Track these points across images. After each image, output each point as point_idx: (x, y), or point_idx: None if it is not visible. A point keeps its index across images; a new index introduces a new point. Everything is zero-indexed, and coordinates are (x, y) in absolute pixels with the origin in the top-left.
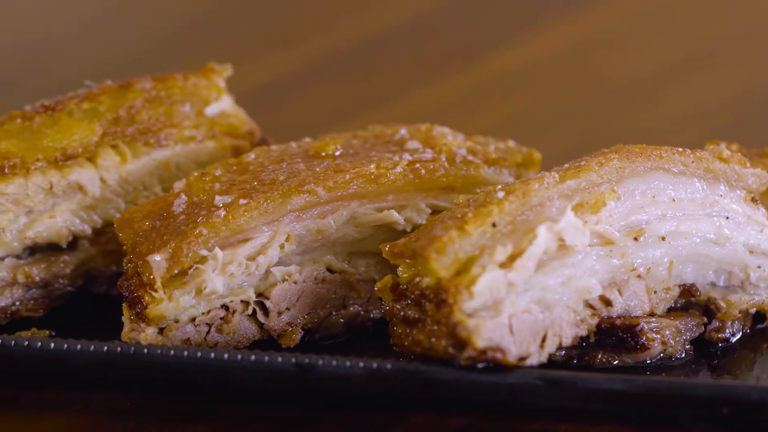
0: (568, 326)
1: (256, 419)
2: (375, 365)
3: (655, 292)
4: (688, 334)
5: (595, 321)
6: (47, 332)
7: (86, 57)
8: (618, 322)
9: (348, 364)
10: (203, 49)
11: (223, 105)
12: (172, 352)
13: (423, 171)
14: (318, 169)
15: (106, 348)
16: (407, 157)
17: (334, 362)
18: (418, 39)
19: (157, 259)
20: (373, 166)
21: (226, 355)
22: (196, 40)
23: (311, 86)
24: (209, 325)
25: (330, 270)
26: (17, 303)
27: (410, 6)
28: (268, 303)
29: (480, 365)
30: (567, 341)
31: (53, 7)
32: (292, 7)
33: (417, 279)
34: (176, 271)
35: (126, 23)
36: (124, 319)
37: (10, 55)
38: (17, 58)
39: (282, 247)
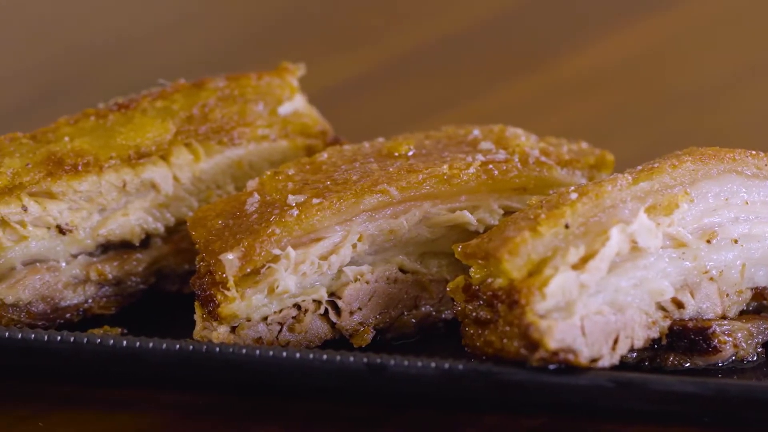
0: (640, 328)
1: (327, 418)
2: (447, 366)
3: (727, 294)
4: (760, 337)
5: (667, 323)
6: (119, 330)
7: (160, 55)
8: (690, 324)
9: (420, 364)
10: (277, 48)
11: (296, 104)
12: (243, 351)
13: (496, 172)
14: (391, 169)
15: (178, 346)
16: (480, 157)
17: (405, 362)
18: (491, 40)
19: (230, 257)
20: (446, 166)
21: (297, 355)
22: (270, 39)
23: (384, 86)
24: (281, 324)
25: (402, 270)
26: (90, 300)
27: (484, 7)
28: (340, 302)
29: (552, 366)
30: (639, 343)
31: (128, 6)
32: (366, 7)
33: (489, 280)
34: (249, 270)
35: (200, 22)
36: (196, 317)
37: (85, 52)
38: (91, 55)
39: (354, 246)
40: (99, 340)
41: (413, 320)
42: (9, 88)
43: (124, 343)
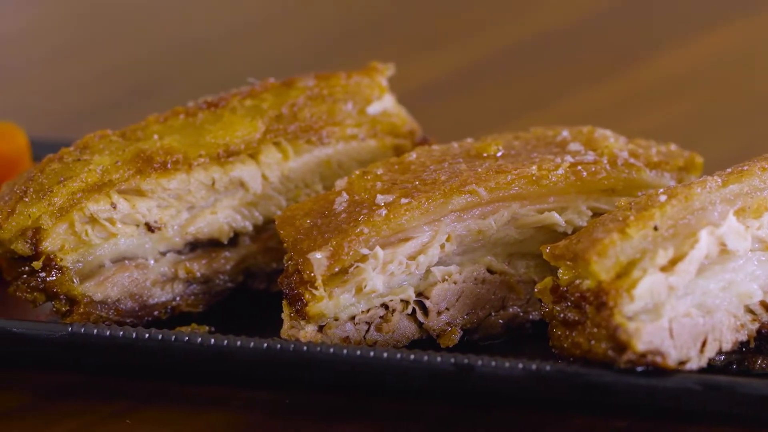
0: (728, 331)
1: (414, 418)
2: (534, 367)
3: None
4: None
5: (755, 326)
6: (207, 328)
7: (250, 54)
8: None
9: (507, 365)
10: (366, 47)
11: (385, 104)
12: (331, 350)
13: (584, 173)
14: (480, 170)
15: (265, 345)
16: (569, 159)
17: (493, 363)
18: (582, 40)
19: (318, 257)
20: (534, 167)
21: (385, 354)
22: (360, 38)
23: (473, 86)
24: (369, 324)
25: (490, 271)
26: (178, 298)
27: (576, 8)
28: (427, 302)
29: (639, 369)
30: (727, 346)
31: (218, 4)
32: (455, 7)
33: (577, 281)
34: (337, 270)
35: (290, 21)
36: (284, 316)
37: (174, 50)
38: (181, 54)
39: (442, 246)
40: (187, 338)
41: (501, 321)
42: (99, 86)
43: (212, 341)
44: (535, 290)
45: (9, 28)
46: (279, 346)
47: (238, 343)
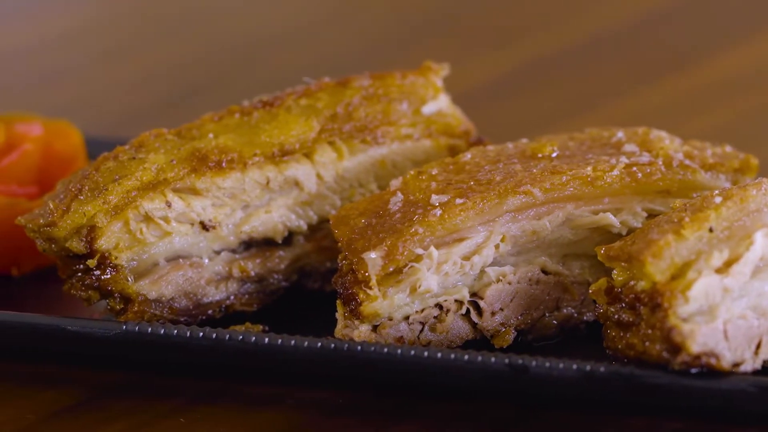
0: None
1: (467, 419)
2: (588, 368)
3: None
4: None
5: None
6: (260, 327)
7: (305, 53)
8: None
9: (561, 366)
10: (421, 47)
11: (440, 104)
12: (385, 350)
13: (640, 174)
14: (535, 171)
15: (319, 344)
16: (624, 160)
17: (547, 364)
18: (636, 41)
19: (373, 256)
20: (589, 168)
21: (439, 354)
22: (415, 38)
23: (528, 86)
24: (423, 324)
25: (544, 271)
26: (232, 297)
27: (630, 8)
28: (482, 303)
29: (694, 370)
30: None
31: (275, 3)
32: (510, 7)
33: (632, 282)
34: (391, 269)
35: (345, 20)
36: (338, 315)
37: (230, 49)
38: (236, 52)
39: (497, 247)
40: (241, 337)
41: (555, 322)
42: (155, 84)
43: (266, 340)
44: (590, 291)
45: (65, 27)
46: (333, 345)
47: (292, 342)
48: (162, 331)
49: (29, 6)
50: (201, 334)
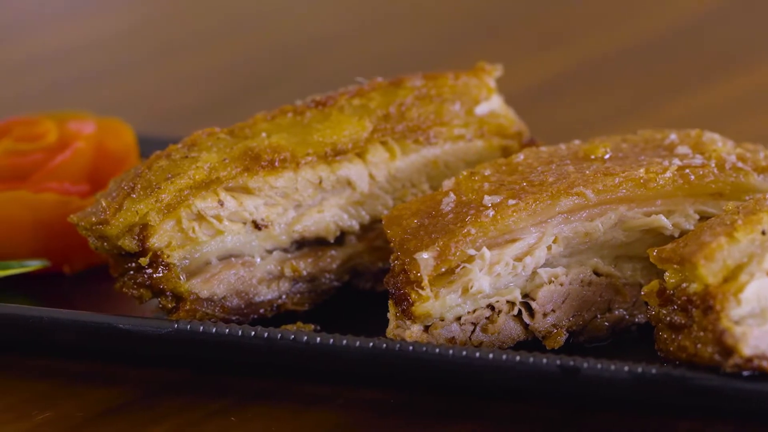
0: None
1: (518, 420)
2: (640, 370)
3: None
4: None
5: None
6: (312, 327)
7: (357, 53)
8: None
9: (612, 367)
10: (474, 48)
11: (492, 105)
12: (437, 351)
13: (692, 177)
14: (587, 172)
15: (371, 344)
16: (677, 162)
17: (598, 365)
18: (689, 43)
19: (425, 257)
20: (642, 170)
21: (490, 355)
22: (467, 39)
23: (581, 88)
24: (474, 325)
25: (596, 273)
26: (283, 296)
27: (683, 10)
28: (533, 304)
29: (745, 373)
30: None
31: (328, 4)
32: (564, 8)
33: (684, 285)
34: (443, 270)
35: (398, 21)
36: (390, 316)
37: (282, 49)
38: (289, 52)
39: (549, 248)
40: (293, 337)
41: (606, 323)
42: (207, 83)
43: (318, 339)
44: (642, 293)
45: (119, 25)
46: (384, 345)
47: (344, 342)
48: (213, 330)
49: (83, 5)
50: (252, 333)
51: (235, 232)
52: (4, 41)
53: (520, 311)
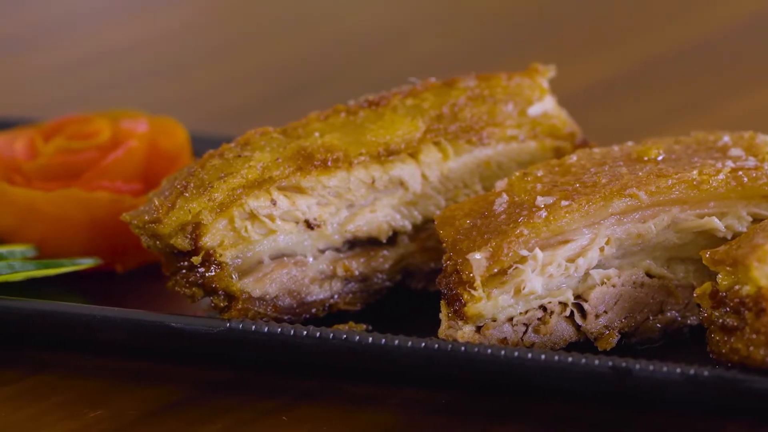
0: None
1: (569, 421)
2: (692, 372)
3: None
4: None
5: None
6: (364, 326)
7: (411, 53)
8: None
9: (665, 369)
10: (527, 49)
11: (545, 105)
12: (489, 351)
13: (745, 179)
14: (640, 174)
15: (423, 345)
16: (730, 164)
17: (650, 367)
18: (743, 44)
19: (478, 257)
20: (695, 172)
21: (542, 356)
22: (520, 40)
23: (634, 89)
24: (526, 326)
25: (649, 274)
26: (336, 296)
27: (735, 12)
28: (585, 305)
29: None
30: None
31: (381, 4)
32: (617, 9)
33: (737, 287)
34: (496, 270)
35: (451, 21)
36: (442, 316)
37: (335, 49)
38: (342, 52)
39: (602, 249)
40: (344, 336)
41: (658, 325)
42: (260, 83)
43: (370, 339)
44: (694, 295)
45: (171, 24)
46: (437, 346)
47: (396, 342)
48: (266, 329)
49: (136, 4)
50: (305, 332)
51: (287, 232)
52: (59, 40)
53: (572, 312)
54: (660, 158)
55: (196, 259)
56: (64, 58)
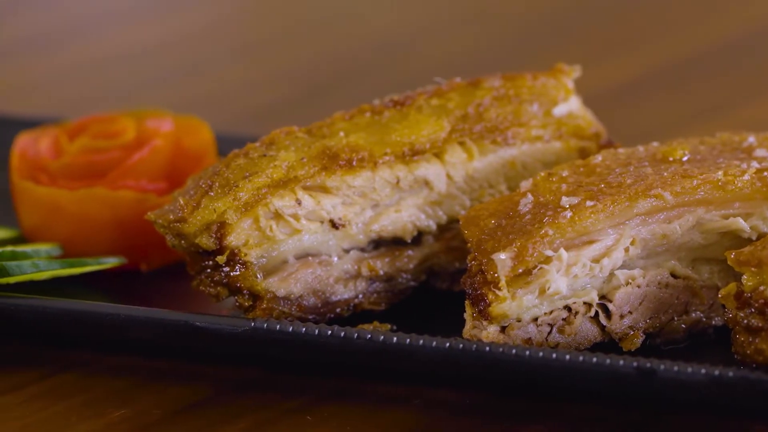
0: None
1: (594, 421)
2: (717, 372)
3: None
4: None
5: None
6: (389, 326)
7: (435, 53)
8: None
9: (689, 370)
10: (551, 49)
11: (571, 106)
12: (513, 351)
13: None
14: (665, 174)
15: (448, 345)
16: (755, 165)
17: (675, 368)
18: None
19: (503, 257)
20: (720, 172)
21: (567, 356)
22: (545, 40)
23: (659, 89)
24: (551, 326)
25: (673, 275)
26: (360, 296)
27: (762, 12)
28: (610, 306)
29: None
30: None
31: (405, 3)
32: (643, 10)
33: (762, 287)
34: (520, 271)
35: (476, 21)
36: (466, 316)
37: (360, 48)
38: (367, 52)
39: (627, 250)
40: (369, 336)
41: (683, 325)
42: (284, 82)
43: (394, 339)
44: (719, 296)
45: (196, 24)
46: (461, 346)
47: (420, 342)
48: (290, 329)
49: (162, 4)
50: (329, 332)
51: (312, 231)
52: (84, 39)
53: (596, 313)
54: (685, 159)
55: (221, 259)
56: (90, 57)
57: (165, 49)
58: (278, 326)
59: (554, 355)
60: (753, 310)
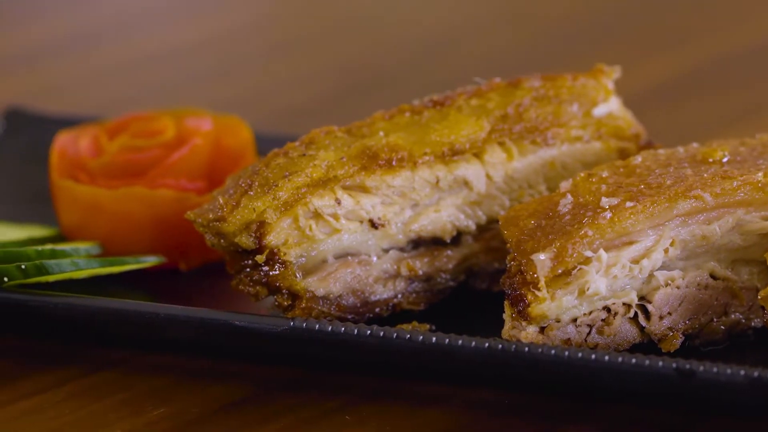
0: None
1: (633, 422)
2: (756, 374)
3: None
4: None
5: None
6: (428, 326)
7: (475, 53)
8: None
9: (729, 371)
10: (592, 49)
11: (610, 106)
12: (552, 352)
13: None
14: (705, 175)
15: (487, 345)
16: None
17: (714, 369)
18: None
19: (542, 258)
20: (760, 174)
21: (606, 357)
22: (585, 41)
23: (699, 90)
24: (590, 327)
25: (713, 276)
26: (399, 296)
27: None
28: (650, 306)
29: None
30: None
31: (446, 3)
32: (683, 9)
33: None
34: (560, 271)
35: (515, 21)
36: (506, 316)
37: (400, 48)
38: (407, 51)
39: (666, 251)
40: (408, 336)
41: (722, 327)
42: (324, 82)
43: (433, 339)
44: (758, 297)
45: (236, 22)
46: (500, 346)
47: (459, 342)
48: (329, 329)
49: (202, 3)
50: (368, 332)
51: (351, 231)
52: (124, 39)
53: (636, 314)
54: (725, 160)
55: (261, 258)
56: (130, 56)
57: (204, 48)
58: (317, 326)
59: (593, 356)
60: None
